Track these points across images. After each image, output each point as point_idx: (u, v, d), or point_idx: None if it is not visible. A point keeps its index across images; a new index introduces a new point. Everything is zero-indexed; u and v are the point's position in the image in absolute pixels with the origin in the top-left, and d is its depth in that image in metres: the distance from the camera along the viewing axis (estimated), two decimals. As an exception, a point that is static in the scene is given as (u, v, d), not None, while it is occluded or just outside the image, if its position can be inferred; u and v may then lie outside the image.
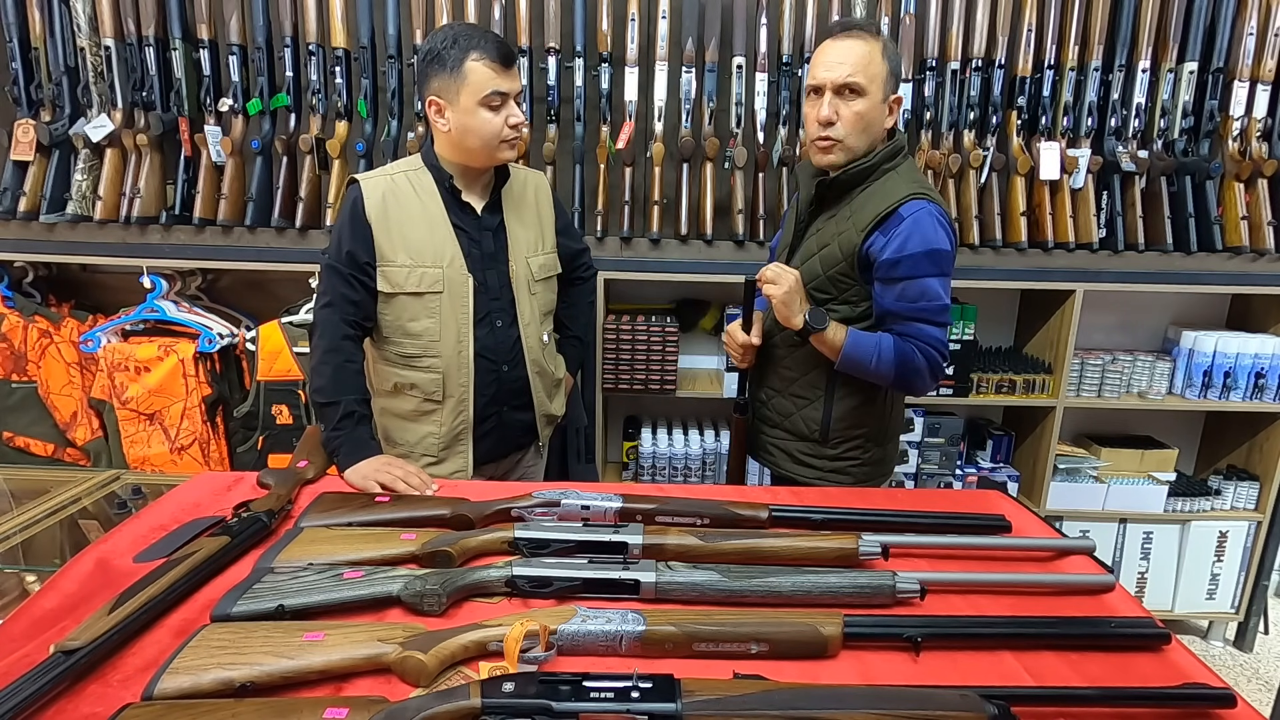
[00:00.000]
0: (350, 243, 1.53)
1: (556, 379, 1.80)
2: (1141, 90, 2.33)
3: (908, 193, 1.39)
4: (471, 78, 1.46)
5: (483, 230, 1.61)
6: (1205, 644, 2.78)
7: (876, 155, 1.44)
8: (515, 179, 1.67)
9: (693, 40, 2.29)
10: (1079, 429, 2.79)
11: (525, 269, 1.65)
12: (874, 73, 1.39)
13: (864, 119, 1.41)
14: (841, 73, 1.38)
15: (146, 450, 2.38)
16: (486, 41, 1.47)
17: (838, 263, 1.46)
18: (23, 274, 2.45)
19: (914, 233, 1.37)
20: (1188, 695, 0.80)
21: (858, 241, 1.42)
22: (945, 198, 2.34)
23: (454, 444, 1.64)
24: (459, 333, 1.58)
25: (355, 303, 1.54)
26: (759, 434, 1.68)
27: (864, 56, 1.38)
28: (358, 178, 1.57)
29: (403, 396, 1.62)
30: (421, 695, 0.78)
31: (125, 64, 2.29)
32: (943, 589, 1.02)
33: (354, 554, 1.04)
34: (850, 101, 1.39)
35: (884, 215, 1.39)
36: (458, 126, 1.50)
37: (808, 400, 1.56)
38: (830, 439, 1.56)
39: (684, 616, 0.89)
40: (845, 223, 1.45)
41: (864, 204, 1.44)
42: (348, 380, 1.51)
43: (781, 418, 1.61)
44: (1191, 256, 2.37)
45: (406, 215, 1.55)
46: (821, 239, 1.50)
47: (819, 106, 1.41)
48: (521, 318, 1.65)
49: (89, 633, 0.82)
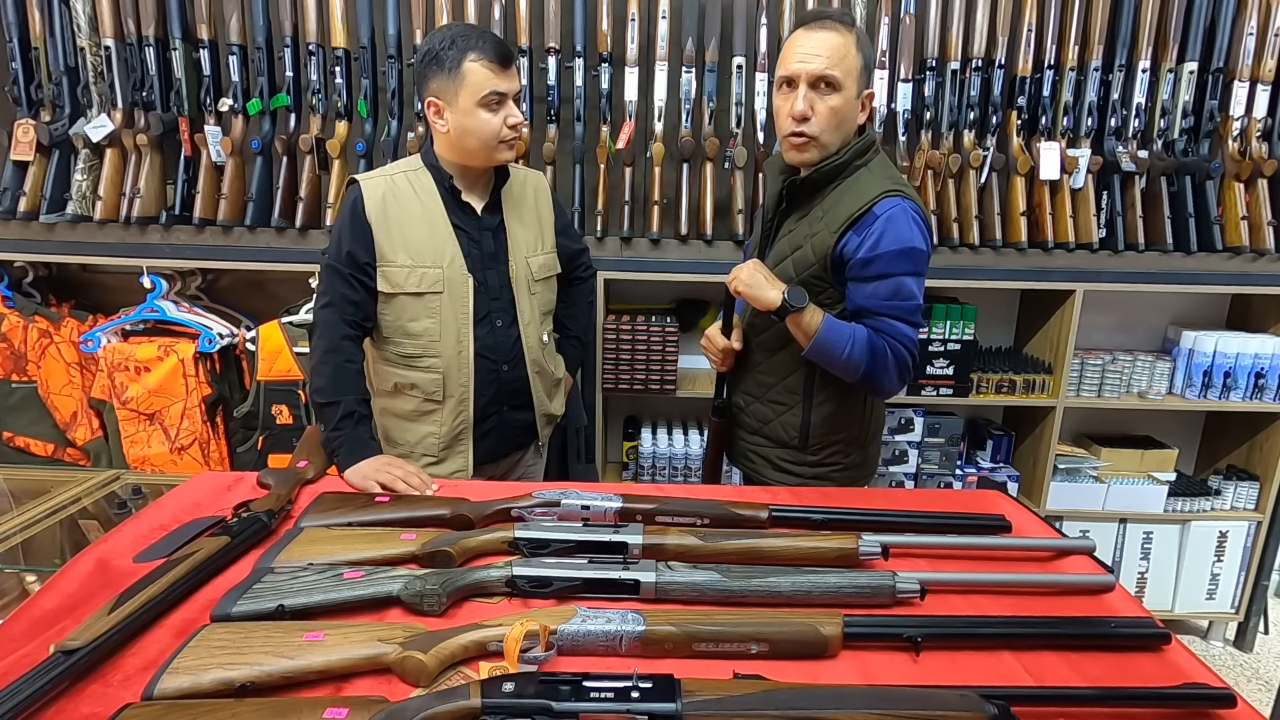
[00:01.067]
0: (350, 243, 1.53)
1: (556, 379, 1.80)
2: (1141, 90, 2.33)
3: (881, 190, 1.35)
4: (470, 78, 1.46)
5: (482, 230, 1.61)
6: (1205, 644, 2.78)
7: (847, 152, 1.39)
8: (515, 179, 1.67)
9: (693, 40, 2.29)
10: (1079, 429, 2.79)
11: (525, 269, 1.65)
12: (849, 66, 1.33)
13: (839, 115, 1.35)
14: (817, 65, 1.31)
15: (146, 450, 2.38)
16: (484, 42, 1.47)
17: (810, 265, 1.41)
18: (23, 274, 2.45)
19: (888, 230, 1.32)
20: (1188, 695, 0.80)
21: (831, 243, 1.37)
22: (945, 198, 2.35)
23: (454, 444, 1.64)
24: (459, 333, 1.58)
25: (355, 303, 1.54)
26: (737, 440, 1.65)
27: (839, 49, 1.31)
28: (358, 178, 1.58)
29: (403, 396, 1.62)
30: (421, 695, 0.78)
31: (125, 64, 2.29)
32: (943, 589, 1.02)
33: (354, 554, 1.04)
34: (825, 96, 1.33)
35: (858, 215, 1.35)
36: (456, 127, 1.50)
37: (786, 406, 1.52)
38: (810, 445, 1.52)
39: (684, 616, 0.89)
40: (818, 223, 1.41)
41: (836, 203, 1.39)
42: (347, 380, 1.51)
43: (760, 424, 1.57)
44: (1191, 256, 2.37)
45: (406, 215, 1.55)
46: (794, 240, 1.45)
47: (792, 100, 1.34)
48: (521, 317, 1.65)
49: (89, 633, 0.82)
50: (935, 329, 2.43)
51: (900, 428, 2.57)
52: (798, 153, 1.39)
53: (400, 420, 1.65)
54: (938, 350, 2.44)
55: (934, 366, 2.45)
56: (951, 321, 2.42)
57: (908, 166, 2.36)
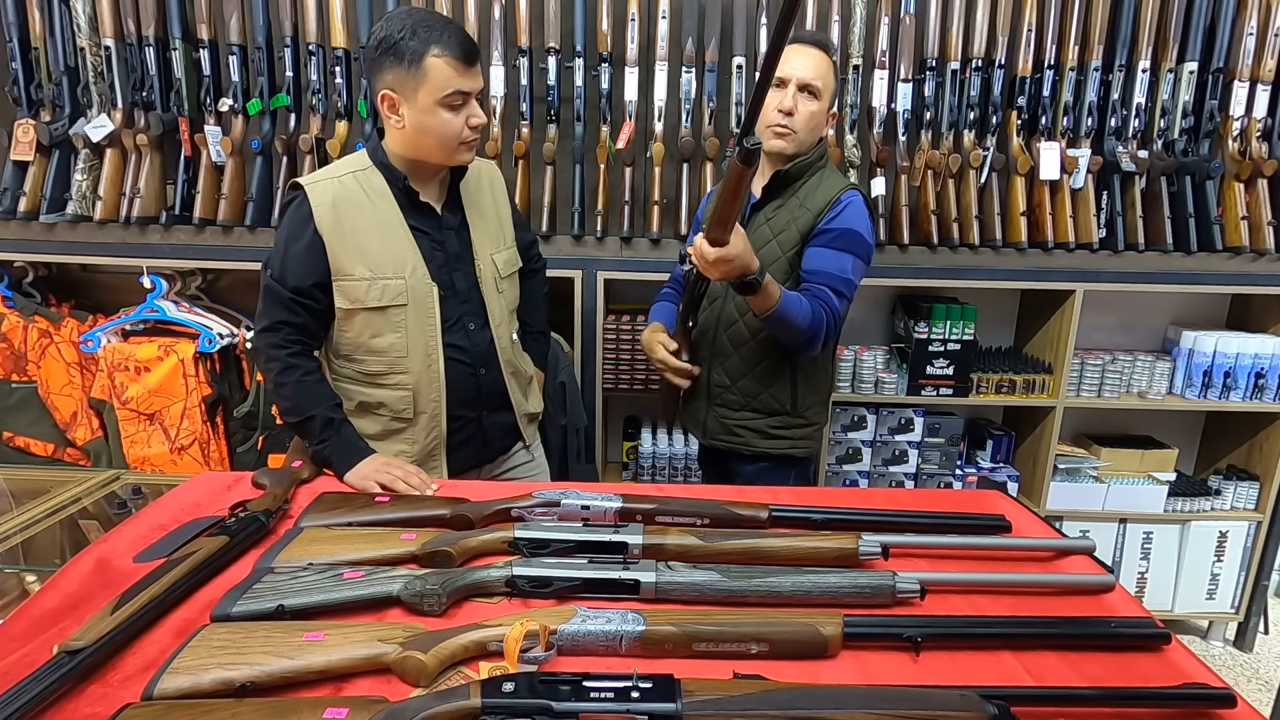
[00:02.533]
0: (296, 265, 1.41)
1: (528, 375, 1.72)
2: (1141, 90, 2.33)
3: (847, 184, 1.66)
4: (431, 75, 1.35)
5: (444, 230, 1.52)
6: (1205, 644, 2.78)
7: (814, 154, 1.67)
8: (470, 172, 1.56)
9: (693, 40, 2.29)
10: (1079, 429, 2.79)
11: (491, 266, 1.57)
12: (828, 84, 1.63)
13: (815, 119, 1.63)
14: (808, 74, 1.59)
15: (146, 450, 2.38)
16: (449, 35, 1.35)
17: (795, 244, 1.65)
18: (23, 274, 2.45)
19: (848, 213, 1.61)
20: (1188, 695, 0.80)
21: (813, 223, 1.63)
22: (945, 198, 2.36)
23: (427, 460, 1.56)
24: (427, 345, 1.49)
25: (297, 325, 1.44)
26: (721, 420, 1.77)
27: (824, 69, 1.61)
28: (301, 182, 1.44)
29: (369, 416, 1.53)
30: (421, 695, 0.78)
31: (125, 64, 2.29)
32: (943, 589, 1.02)
33: (354, 554, 1.04)
34: (808, 101, 1.61)
35: (832, 200, 1.63)
36: (414, 125, 1.39)
37: (774, 377, 1.70)
38: (799, 408, 1.73)
39: (684, 616, 0.89)
40: (799, 209, 1.65)
41: (812, 192, 1.65)
42: (312, 392, 1.44)
43: (748, 399, 1.73)
44: (1191, 256, 2.37)
45: (361, 223, 1.44)
46: (776, 225, 1.67)
47: (783, 97, 1.60)
48: (493, 318, 1.57)
49: (92, 633, 0.82)
50: (935, 329, 2.43)
51: (900, 428, 2.57)
52: (778, 140, 1.63)
53: (368, 441, 1.49)
54: (938, 350, 2.44)
55: (934, 366, 2.45)
56: (951, 321, 2.42)
57: (908, 166, 2.36)
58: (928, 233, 2.36)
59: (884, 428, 2.57)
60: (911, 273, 2.38)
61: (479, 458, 1.64)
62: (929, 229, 2.36)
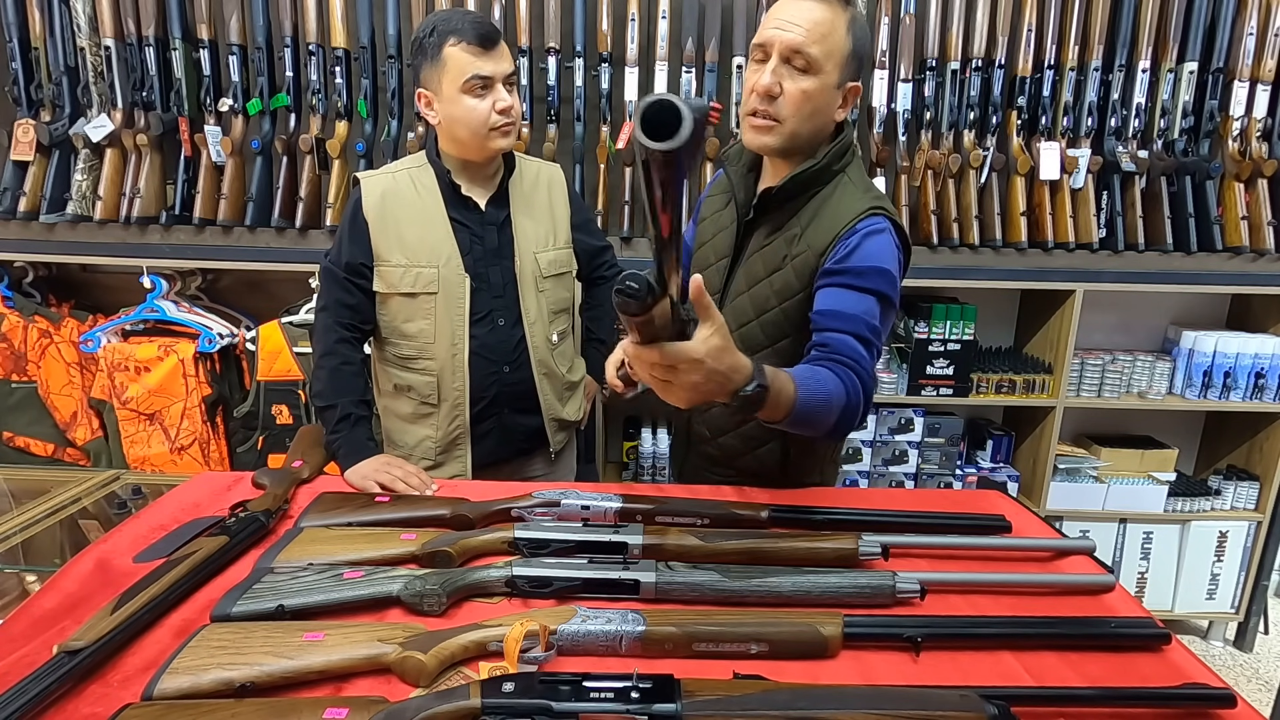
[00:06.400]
0: (347, 245, 1.51)
1: (570, 381, 1.71)
2: (1141, 90, 2.33)
3: (865, 208, 1.17)
4: (450, 64, 1.40)
5: (485, 225, 1.56)
6: (1205, 644, 2.78)
7: (824, 157, 1.20)
8: (526, 171, 1.62)
9: (693, 40, 2.29)
10: (1079, 429, 2.79)
11: (533, 264, 1.59)
12: (832, 46, 1.12)
13: (811, 101, 1.14)
14: (794, 35, 1.11)
15: (146, 450, 2.38)
16: (463, 24, 1.40)
17: (795, 293, 1.22)
18: (23, 274, 2.45)
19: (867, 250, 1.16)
20: (1188, 695, 0.80)
21: (815, 266, 1.19)
22: (945, 198, 2.35)
23: (451, 448, 1.61)
24: (453, 335, 1.54)
25: (350, 306, 1.52)
26: (700, 473, 1.42)
27: (823, 24, 1.11)
28: (360, 176, 1.55)
29: (402, 398, 1.61)
30: (421, 695, 0.78)
31: (125, 64, 2.29)
32: (943, 589, 1.02)
33: (354, 554, 1.04)
34: (798, 76, 1.13)
35: (843, 231, 1.17)
36: (445, 117, 1.46)
37: (762, 440, 1.32)
38: (791, 476, 1.34)
39: (684, 616, 0.89)
40: (799, 243, 1.21)
41: (817, 218, 1.21)
42: (344, 382, 1.49)
43: (730, 458, 1.37)
44: (1191, 256, 2.37)
45: (404, 214, 1.52)
46: (768, 260, 1.24)
47: (761, 73, 1.14)
48: (526, 316, 1.59)
49: (92, 633, 0.82)
50: (935, 329, 2.43)
51: (900, 428, 2.57)
52: (755, 135, 1.18)
53: (400, 422, 1.63)
54: (938, 350, 2.44)
55: (934, 366, 2.45)
56: (951, 321, 2.43)
57: (908, 166, 2.36)
58: (928, 233, 2.36)
59: (884, 428, 2.57)
60: (911, 272, 2.34)
61: (498, 455, 1.66)
62: (929, 229, 2.36)
